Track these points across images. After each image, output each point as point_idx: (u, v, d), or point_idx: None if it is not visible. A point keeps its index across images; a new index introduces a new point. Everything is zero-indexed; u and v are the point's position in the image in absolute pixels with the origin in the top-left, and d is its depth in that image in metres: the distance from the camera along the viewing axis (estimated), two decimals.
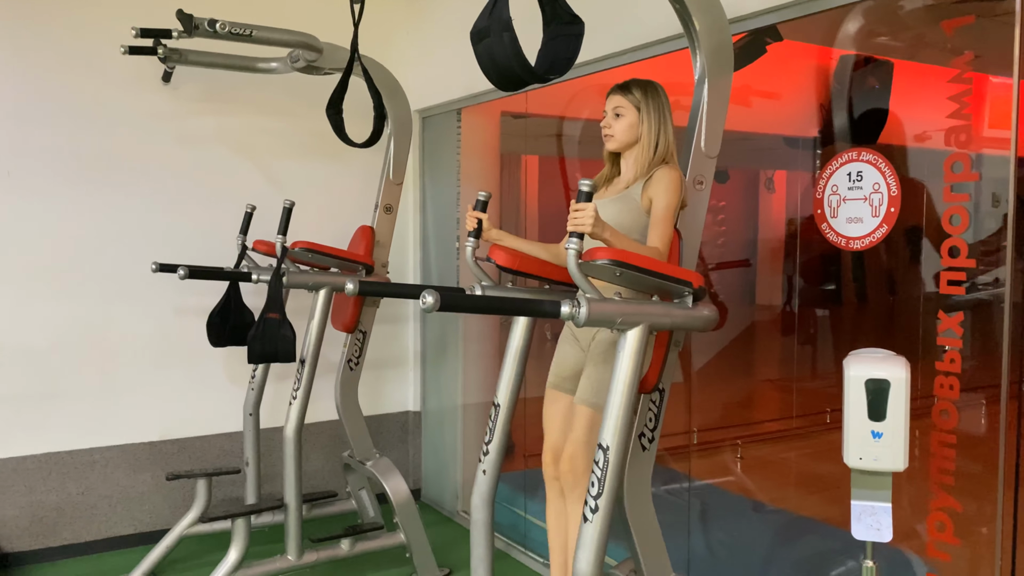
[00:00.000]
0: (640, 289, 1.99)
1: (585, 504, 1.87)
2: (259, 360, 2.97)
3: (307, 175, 4.01)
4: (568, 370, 2.36)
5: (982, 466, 2.11)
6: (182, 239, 3.73)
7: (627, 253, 1.81)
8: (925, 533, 2.20)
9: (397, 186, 3.48)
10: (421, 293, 1.65)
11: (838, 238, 2.27)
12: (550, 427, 2.42)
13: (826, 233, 2.31)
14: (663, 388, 2.20)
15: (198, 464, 3.84)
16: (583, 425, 2.21)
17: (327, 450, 4.16)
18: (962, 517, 2.13)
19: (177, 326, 3.75)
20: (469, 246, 2.28)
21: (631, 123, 2.22)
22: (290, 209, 3.02)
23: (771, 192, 6.08)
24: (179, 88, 3.73)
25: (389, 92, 3.42)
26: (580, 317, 1.78)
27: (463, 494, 4.17)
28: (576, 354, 2.33)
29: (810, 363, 5.58)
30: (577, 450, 2.23)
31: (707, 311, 1.99)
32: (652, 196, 2.10)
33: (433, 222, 4.26)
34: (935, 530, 2.15)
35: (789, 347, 5.38)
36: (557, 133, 4.85)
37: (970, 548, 2.15)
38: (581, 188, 1.79)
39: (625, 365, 1.87)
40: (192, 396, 3.82)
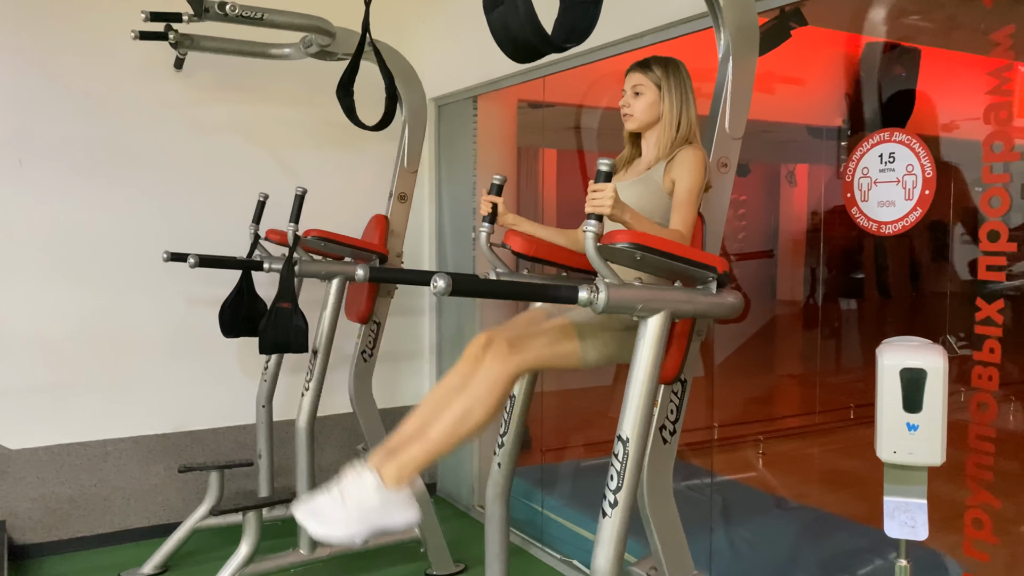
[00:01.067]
0: (661, 275, 1.91)
1: (603, 499, 1.79)
2: (271, 350, 2.91)
3: (321, 164, 3.95)
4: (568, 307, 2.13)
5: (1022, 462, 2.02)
6: (195, 229, 3.68)
7: (648, 236, 1.73)
8: (961, 531, 2.10)
9: (412, 174, 3.41)
10: (432, 277, 1.58)
11: (869, 223, 2.18)
12: (513, 322, 2.12)
13: (856, 218, 2.21)
14: (685, 379, 2.11)
15: (211, 456, 3.79)
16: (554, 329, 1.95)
17: (341, 443, 4.11)
18: (1001, 515, 2.03)
19: (190, 317, 3.71)
20: (484, 231, 2.21)
21: (651, 102, 2.13)
22: (302, 197, 2.96)
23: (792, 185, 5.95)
24: (192, 76, 3.68)
25: (404, 78, 3.35)
26: (599, 303, 1.70)
27: (479, 488, 4.11)
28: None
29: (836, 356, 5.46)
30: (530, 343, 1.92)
31: (732, 298, 1.90)
32: (675, 177, 2.01)
33: (449, 212, 4.19)
34: (972, 528, 2.05)
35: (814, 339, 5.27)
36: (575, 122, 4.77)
37: (1009, 547, 2.06)
38: (600, 167, 1.71)
39: (646, 353, 1.79)
40: (205, 388, 3.78)
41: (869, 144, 2.17)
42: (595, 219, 1.70)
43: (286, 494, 3.19)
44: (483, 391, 1.88)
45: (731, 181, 2.17)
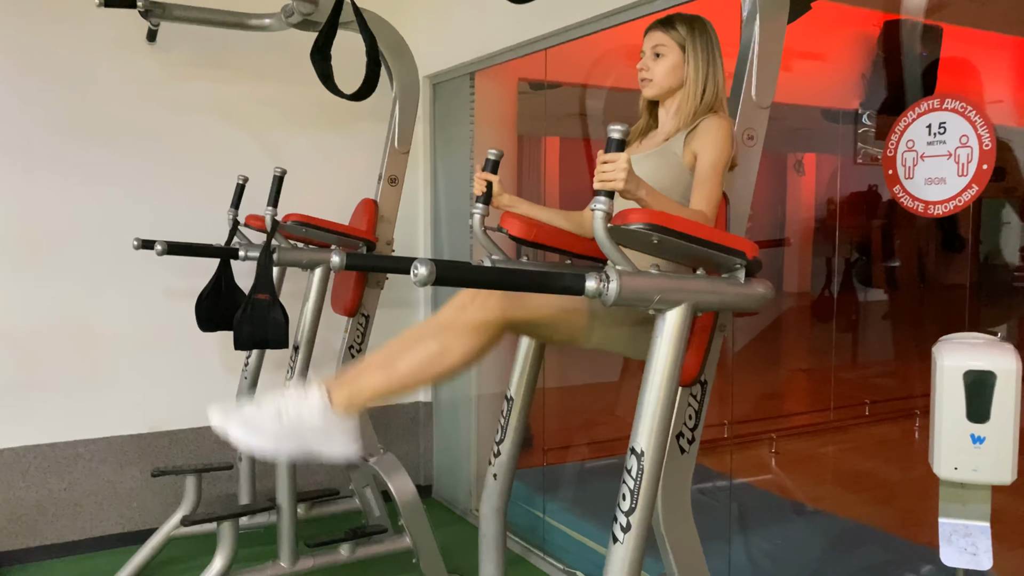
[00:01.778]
0: (681, 261, 1.66)
1: (615, 521, 1.54)
2: (247, 346, 2.67)
3: (308, 146, 3.70)
4: None
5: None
6: (172, 215, 3.43)
7: (667, 216, 1.48)
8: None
9: (403, 156, 3.15)
10: (414, 263, 1.33)
11: (914, 203, 1.92)
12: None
13: (899, 197, 1.95)
14: (705, 380, 1.87)
15: (191, 458, 3.55)
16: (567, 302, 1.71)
17: None
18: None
19: (167, 309, 3.46)
20: (477, 213, 1.95)
21: (674, 64, 1.87)
22: (281, 178, 2.71)
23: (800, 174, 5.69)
24: (168, 51, 3.43)
25: (395, 53, 3.09)
26: (609, 293, 1.44)
27: (477, 492, 3.86)
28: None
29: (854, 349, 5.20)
30: (528, 298, 1.69)
31: (762, 288, 1.65)
32: (697, 150, 1.76)
33: (445, 197, 3.93)
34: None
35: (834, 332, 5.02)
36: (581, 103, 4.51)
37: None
38: (611, 135, 1.45)
39: (664, 353, 1.54)
40: (184, 385, 3.53)
41: (915, 113, 1.91)
42: (605, 196, 1.45)
43: (265, 502, 2.94)
44: (465, 332, 1.64)
45: (758, 156, 1.92)
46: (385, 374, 1.65)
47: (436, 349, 1.64)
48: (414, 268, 1.33)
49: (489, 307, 1.65)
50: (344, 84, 2.67)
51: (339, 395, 1.64)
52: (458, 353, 1.64)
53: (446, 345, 1.64)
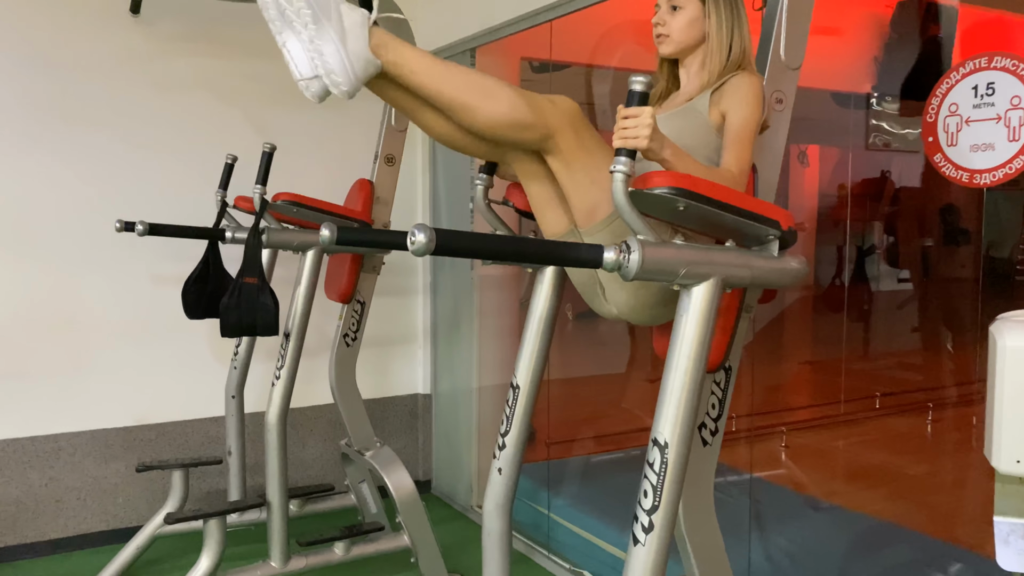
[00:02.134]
0: (708, 231, 1.50)
1: (635, 521, 1.38)
2: (234, 333, 2.51)
3: (302, 124, 3.53)
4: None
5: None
6: (158, 197, 3.27)
7: (696, 179, 1.32)
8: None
9: (400, 133, 3.00)
10: (411, 229, 1.17)
11: (958, 172, 1.76)
12: None
13: (940, 166, 1.79)
14: (730, 366, 1.71)
15: (179, 452, 3.40)
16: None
17: (325, 436, 3.71)
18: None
19: (155, 296, 3.30)
20: (479, 185, 1.79)
21: (693, 18, 1.70)
22: (270, 154, 2.55)
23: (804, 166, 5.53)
24: (154, 24, 3.26)
25: (391, 21, 2.92)
26: (631, 266, 1.29)
27: (478, 487, 3.71)
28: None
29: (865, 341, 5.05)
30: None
31: (795, 263, 1.49)
32: (726, 108, 1.59)
33: (445, 179, 3.77)
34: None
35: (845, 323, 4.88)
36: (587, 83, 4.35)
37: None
38: (632, 87, 1.29)
39: (690, 333, 1.38)
40: (172, 375, 3.38)
41: (959, 74, 1.74)
42: (626, 156, 1.29)
43: (255, 498, 2.79)
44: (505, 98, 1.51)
45: (787, 121, 1.76)
46: (421, 60, 1.56)
47: (477, 89, 1.53)
48: (411, 235, 1.17)
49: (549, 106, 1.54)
50: None
51: (379, 37, 1.56)
52: (487, 108, 1.53)
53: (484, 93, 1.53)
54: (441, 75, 1.54)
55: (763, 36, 1.75)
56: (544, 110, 1.53)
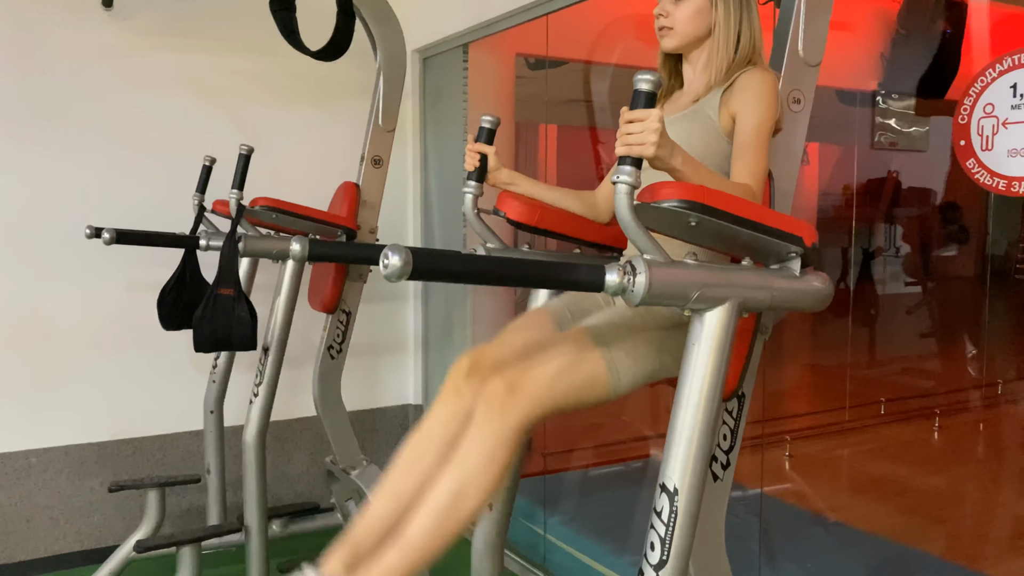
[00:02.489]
0: (723, 247, 1.34)
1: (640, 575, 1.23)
2: (208, 347, 2.35)
3: (286, 124, 3.37)
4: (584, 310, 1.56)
5: None
6: (134, 201, 3.10)
7: (709, 191, 1.16)
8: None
9: (388, 134, 2.84)
10: (384, 250, 1.01)
11: (993, 179, 1.60)
12: (506, 337, 1.50)
13: (974, 173, 1.64)
14: (743, 393, 1.56)
15: (156, 468, 3.24)
16: (568, 348, 1.36)
17: (313, 449, 3.55)
18: None
19: (131, 304, 3.13)
20: (469, 193, 1.64)
21: (698, 8, 1.54)
22: (247, 156, 2.39)
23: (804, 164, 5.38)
24: (130, 18, 3.09)
25: (378, 17, 2.77)
26: (637, 289, 1.13)
27: None
28: (604, 306, 1.57)
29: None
30: (536, 375, 1.32)
31: (818, 282, 1.34)
32: (737, 110, 1.44)
33: (436, 181, 3.61)
34: None
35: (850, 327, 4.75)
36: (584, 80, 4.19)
37: None
38: (638, 86, 1.13)
39: (702, 364, 1.22)
40: (150, 387, 3.21)
41: (996, 71, 1.59)
42: (631, 165, 1.14)
43: (233, 522, 2.63)
44: (477, 462, 1.27)
45: (805, 123, 1.61)
46: (400, 553, 1.26)
47: (448, 497, 1.28)
48: (383, 257, 1.01)
49: (496, 406, 1.29)
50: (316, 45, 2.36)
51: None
52: (476, 494, 1.29)
53: (459, 487, 1.28)
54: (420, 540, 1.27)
55: (779, 30, 1.59)
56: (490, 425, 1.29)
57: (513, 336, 1.47)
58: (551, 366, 1.32)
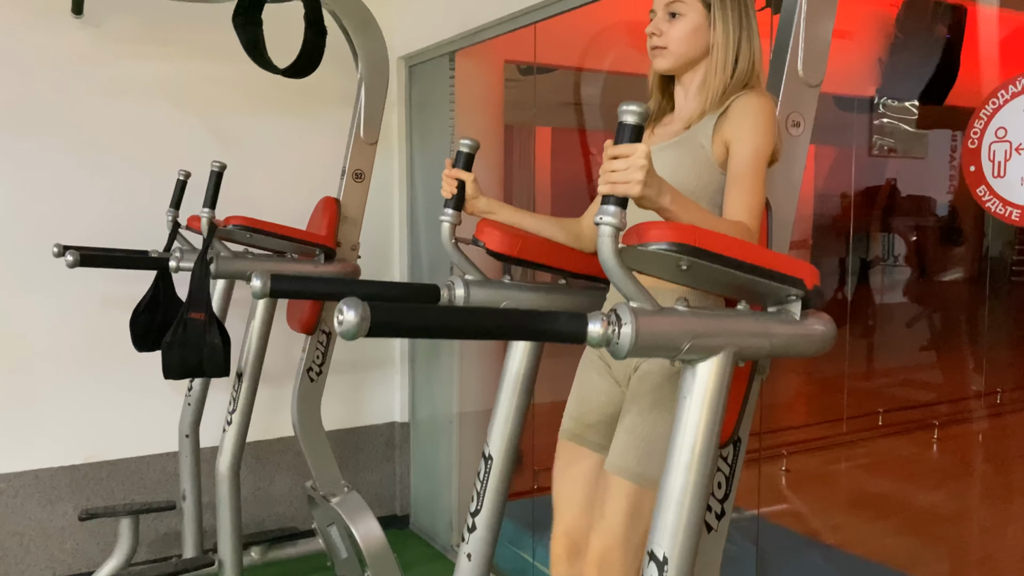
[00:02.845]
0: (717, 290, 1.24)
1: None
2: (178, 374, 2.24)
3: (266, 135, 3.25)
4: (595, 413, 1.57)
5: None
6: (106, 215, 2.98)
7: (701, 232, 1.06)
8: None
9: (370, 147, 2.73)
10: (338, 305, 0.91)
11: (1006, 208, 1.50)
12: (566, 501, 1.63)
13: (985, 201, 1.53)
14: (740, 438, 1.45)
15: (132, 491, 3.12)
16: (621, 508, 1.41)
17: (294, 471, 3.43)
18: None
19: (105, 321, 3.01)
20: (446, 221, 1.53)
21: (695, 27, 1.43)
22: (220, 173, 2.28)
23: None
24: (102, 25, 2.98)
25: (359, 25, 2.66)
26: (623, 342, 1.03)
27: (459, 523, 3.45)
28: (608, 387, 1.54)
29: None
30: (611, 546, 1.42)
31: (821, 325, 1.23)
32: (731, 138, 1.33)
33: (423, 194, 3.50)
34: None
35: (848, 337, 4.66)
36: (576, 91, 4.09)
37: None
38: (623, 118, 1.03)
39: (694, 420, 1.12)
40: (124, 407, 3.09)
41: (1009, 92, 1.48)
42: (615, 204, 1.03)
43: (207, 557, 2.52)
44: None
45: (805, 148, 1.50)
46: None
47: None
48: (338, 312, 0.91)
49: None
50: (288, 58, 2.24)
51: None
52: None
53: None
54: None
55: (777, 47, 1.49)
56: None
57: (569, 500, 1.65)
58: (615, 536, 1.43)
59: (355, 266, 2.61)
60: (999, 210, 1.49)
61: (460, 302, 1.51)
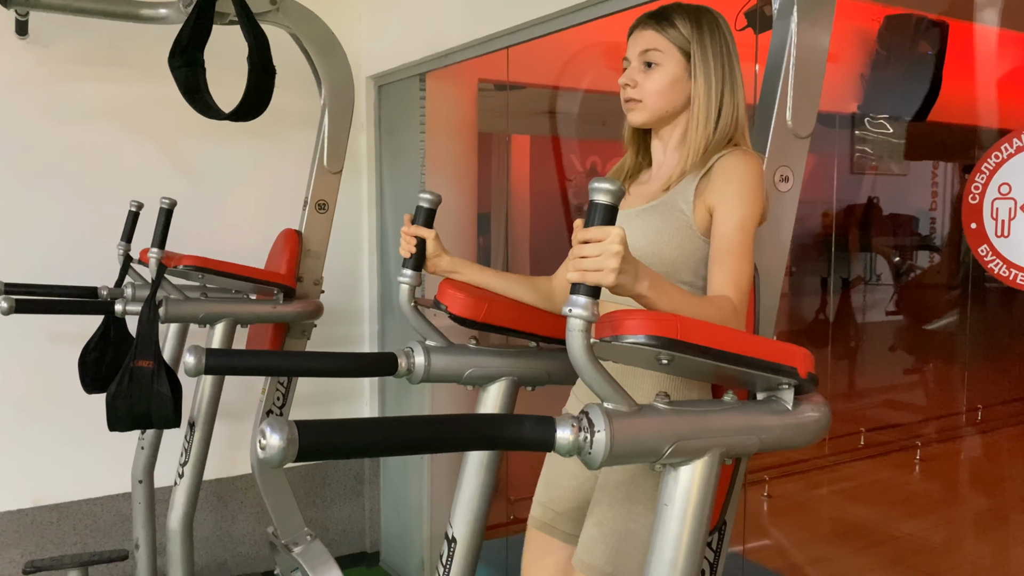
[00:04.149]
0: (701, 379, 1.11)
1: None
2: (124, 427, 2.09)
3: (227, 162, 3.10)
4: (566, 500, 1.43)
5: None
6: (56, 247, 2.82)
7: (684, 322, 0.94)
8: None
9: (334, 176, 2.59)
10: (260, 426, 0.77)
11: (1010, 271, 1.39)
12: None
13: (987, 261, 1.42)
14: (726, 521, 1.33)
15: (84, 536, 2.96)
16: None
17: (259, 509, 3.28)
18: None
19: (53, 357, 2.84)
20: (404, 283, 1.40)
21: (673, 78, 1.30)
22: (169, 211, 2.13)
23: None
24: (50, 46, 2.81)
25: (322, 49, 2.52)
26: (596, 451, 0.91)
27: (431, 559, 3.31)
28: (579, 470, 1.41)
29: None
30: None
31: (815, 413, 1.11)
32: (715, 204, 1.21)
33: (393, 220, 3.36)
34: None
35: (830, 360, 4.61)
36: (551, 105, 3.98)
37: None
38: (595, 197, 0.91)
39: (676, 532, 1.00)
40: (76, 447, 2.93)
41: (1013, 147, 1.37)
42: (585, 295, 0.91)
43: None
44: None
45: (794, 205, 1.39)
46: None
47: None
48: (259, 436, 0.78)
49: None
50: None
51: None
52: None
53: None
54: None
55: (764, 96, 1.37)
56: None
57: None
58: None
59: (317, 304, 2.47)
60: (1003, 272, 1.38)
61: (420, 371, 1.38)
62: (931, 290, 4.54)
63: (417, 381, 1.39)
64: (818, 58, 1.36)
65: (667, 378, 1.15)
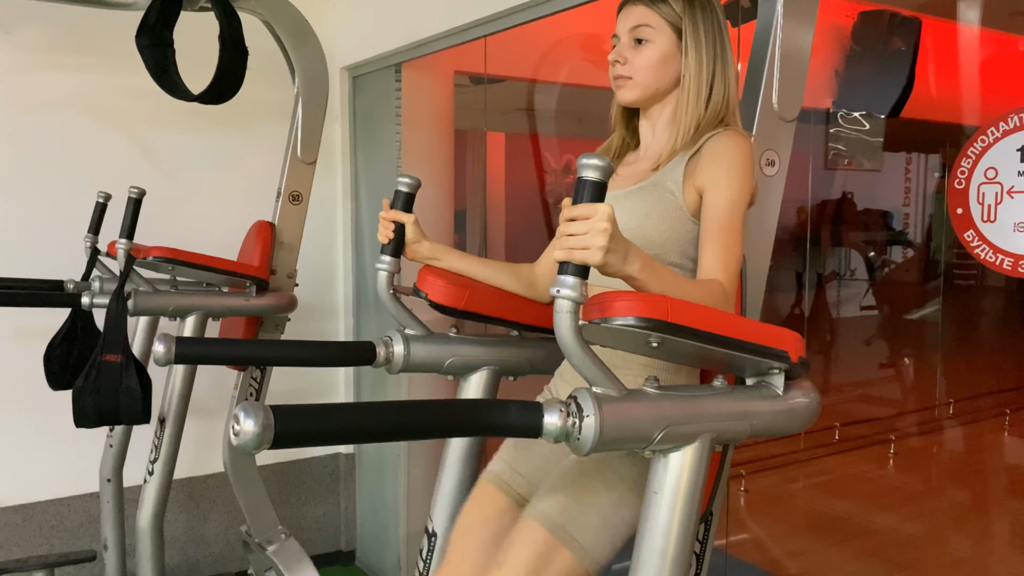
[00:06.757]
0: (691, 364, 1.09)
1: None
2: (91, 423, 2.03)
3: (199, 152, 3.03)
4: (532, 463, 1.34)
5: None
6: (22, 239, 2.74)
7: (674, 304, 0.91)
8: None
9: (308, 167, 2.54)
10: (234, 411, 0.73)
11: (996, 256, 1.38)
12: (461, 537, 1.33)
13: (973, 247, 1.41)
14: (712, 512, 1.31)
15: (51, 537, 2.88)
16: (524, 557, 1.17)
17: (231, 508, 3.21)
18: None
19: (18, 353, 2.76)
20: (383, 270, 1.36)
21: (664, 55, 1.28)
22: (138, 200, 2.07)
23: None
24: (14, 33, 2.73)
25: (295, 37, 2.47)
26: (585, 435, 0.88)
27: (408, 558, 3.27)
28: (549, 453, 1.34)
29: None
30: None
31: (804, 398, 1.09)
32: (705, 184, 1.18)
33: (369, 214, 3.31)
34: None
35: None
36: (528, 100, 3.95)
37: None
38: (582, 174, 0.87)
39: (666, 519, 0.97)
40: (42, 445, 2.85)
41: (999, 131, 1.36)
42: (573, 275, 0.87)
43: None
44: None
45: (780, 188, 1.37)
46: None
47: None
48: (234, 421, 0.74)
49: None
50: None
51: None
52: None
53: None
54: None
55: (750, 79, 1.35)
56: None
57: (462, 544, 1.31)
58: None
59: (291, 297, 2.42)
60: (989, 257, 1.37)
61: (399, 360, 1.34)
62: (904, 286, 4.58)
63: (396, 371, 1.35)
64: (804, 39, 1.34)
65: (655, 363, 1.12)
